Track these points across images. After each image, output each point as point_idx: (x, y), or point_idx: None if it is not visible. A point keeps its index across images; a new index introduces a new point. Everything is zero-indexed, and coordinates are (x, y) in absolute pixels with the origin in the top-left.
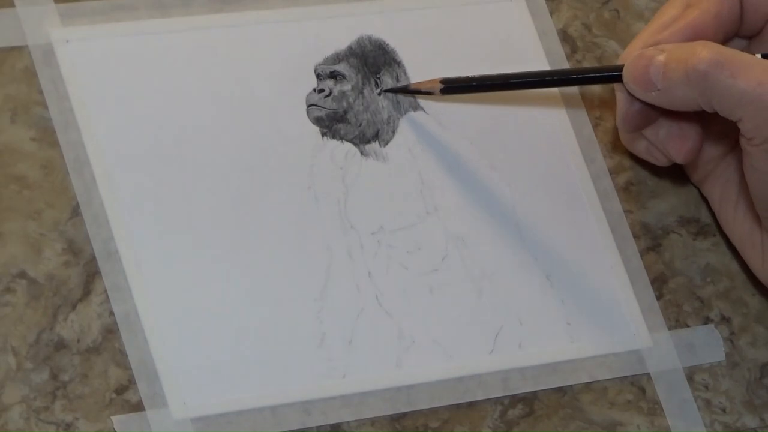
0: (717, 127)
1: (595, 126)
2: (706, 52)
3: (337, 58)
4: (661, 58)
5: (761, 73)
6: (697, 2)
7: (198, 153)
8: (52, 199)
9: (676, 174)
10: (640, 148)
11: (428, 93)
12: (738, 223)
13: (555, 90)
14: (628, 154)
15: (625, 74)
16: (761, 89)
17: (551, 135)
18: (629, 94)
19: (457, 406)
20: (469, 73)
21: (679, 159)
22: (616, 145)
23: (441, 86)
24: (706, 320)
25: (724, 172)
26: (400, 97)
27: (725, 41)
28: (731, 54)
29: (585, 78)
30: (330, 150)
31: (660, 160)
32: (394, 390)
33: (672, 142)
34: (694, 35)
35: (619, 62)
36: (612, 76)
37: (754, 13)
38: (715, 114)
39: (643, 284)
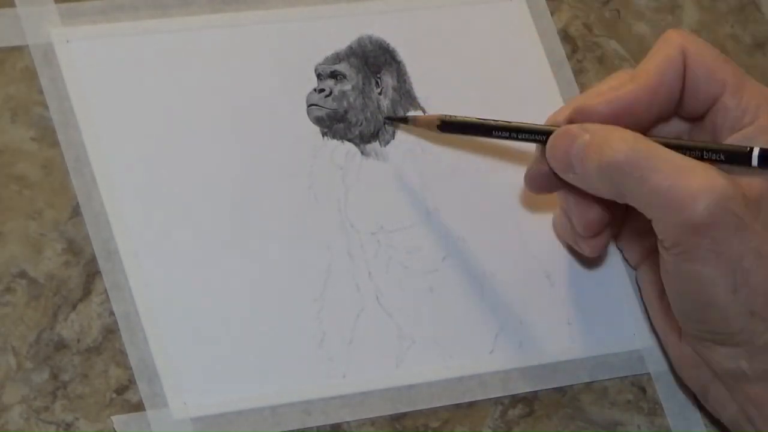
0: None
1: None
2: (623, 144)
3: (337, 57)
4: (584, 139)
5: (674, 174)
6: (638, 77)
7: (198, 153)
8: (53, 199)
9: None
10: (563, 233)
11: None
12: (659, 317)
13: (556, 91)
14: None
15: (548, 150)
16: (671, 193)
17: None
18: (541, 155)
19: (457, 406)
20: (470, 74)
21: (579, 228)
22: None
23: (438, 122)
24: None
25: (648, 265)
26: (401, 96)
27: (660, 120)
28: (647, 149)
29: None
30: (330, 150)
31: (581, 248)
32: (394, 390)
33: (576, 210)
34: (626, 109)
35: (549, 118)
36: (540, 139)
37: (694, 98)
38: None
39: None
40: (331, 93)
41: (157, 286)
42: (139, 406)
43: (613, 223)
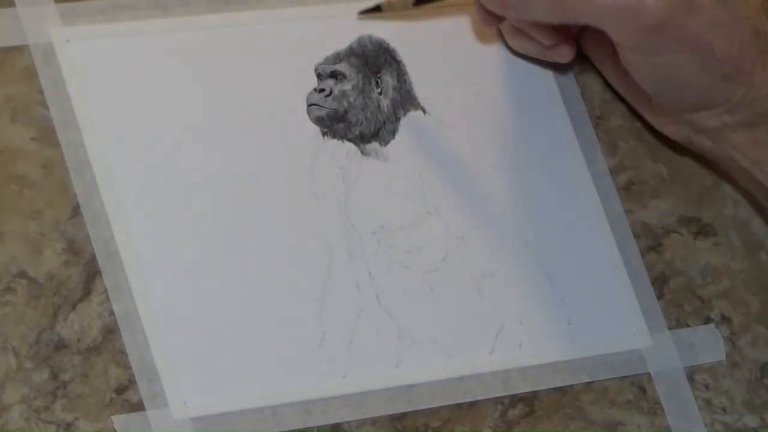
0: None
1: (596, 126)
2: None
3: (337, 57)
4: None
5: None
6: None
7: (198, 153)
8: (53, 198)
9: (678, 174)
10: (527, 47)
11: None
12: (624, 86)
13: (555, 89)
14: (628, 155)
15: None
16: (620, 2)
17: (551, 135)
18: None
19: (458, 405)
20: (469, 73)
21: (545, 41)
22: (616, 145)
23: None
24: (707, 320)
25: (599, 40)
26: (401, 96)
27: None
28: None
29: None
30: (330, 150)
31: (550, 57)
32: (395, 390)
33: (537, 30)
34: None
35: None
36: None
37: None
38: None
39: (644, 284)
40: (331, 93)
41: (157, 286)
42: (139, 406)
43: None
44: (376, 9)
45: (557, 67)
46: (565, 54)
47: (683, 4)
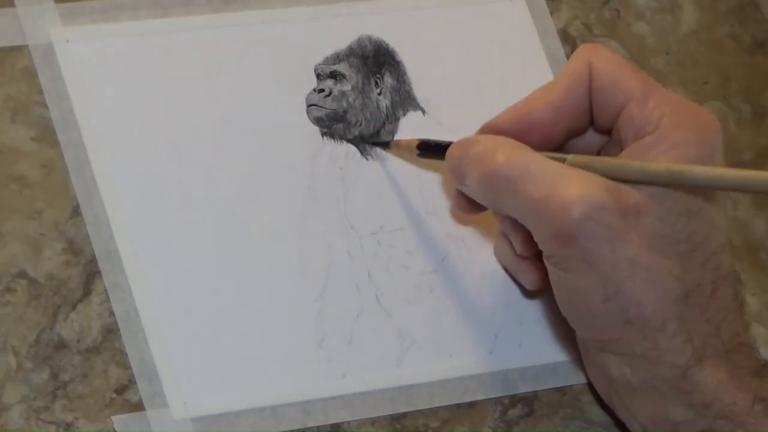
0: None
1: None
2: (500, 156)
3: (337, 58)
4: (476, 150)
5: (548, 186)
6: (543, 90)
7: (198, 153)
8: (53, 198)
9: None
10: (507, 260)
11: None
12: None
13: None
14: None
15: (446, 159)
16: (544, 203)
17: None
18: None
19: (457, 405)
20: (469, 74)
21: (518, 248)
22: None
23: (417, 151)
24: None
25: None
26: (401, 97)
27: (573, 134)
28: (524, 162)
29: None
30: (330, 150)
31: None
32: (394, 390)
33: (512, 230)
34: (531, 126)
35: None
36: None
37: (602, 110)
38: None
39: None
40: (330, 93)
41: (157, 286)
42: (139, 406)
43: None
44: (385, 145)
45: (557, 68)
46: (534, 281)
47: (607, 229)
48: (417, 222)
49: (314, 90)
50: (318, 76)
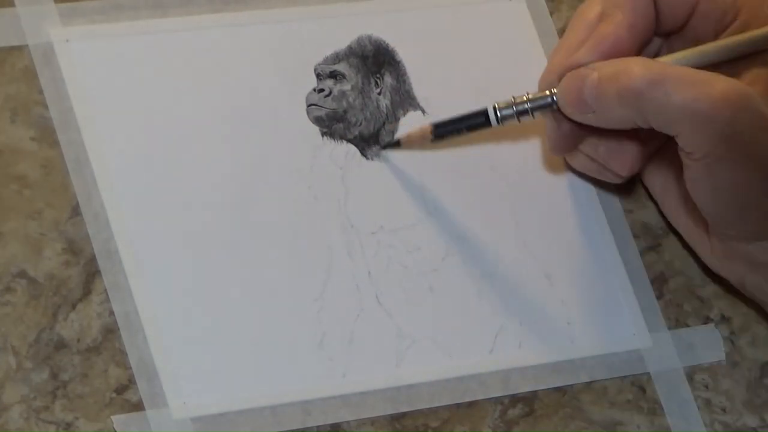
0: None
1: None
2: (638, 69)
3: (336, 57)
4: (594, 77)
5: (696, 88)
6: (610, 13)
7: (198, 153)
8: (52, 198)
9: None
10: (587, 166)
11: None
12: (682, 216)
13: None
14: None
15: (560, 97)
16: (696, 105)
17: None
18: (555, 117)
19: (457, 405)
20: (469, 74)
21: (623, 173)
22: None
23: (431, 137)
24: (706, 320)
25: (661, 165)
26: (400, 96)
27: (642, 48)
28: (664, 69)
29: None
30: (330, 150)
31: (608, 177)
32: (394, 390)
33: (613, 158)
34: (611, 50)
35: (540, 85)
36: (546, 103)
37: (670, 15)
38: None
39: (643, 284)
40: (330, 93)
41: (157, 286)
42: (138, 406)
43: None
44: (396, 144)
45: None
46: (625, 167)
47: (760, 119)
48: (417, 222)
49: (314, 90)
50: (318, 75)
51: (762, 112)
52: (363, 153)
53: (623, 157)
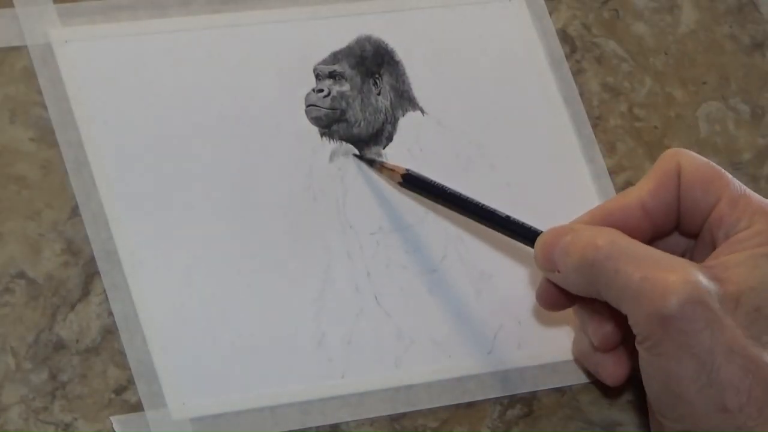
0: None
1: (595, 126)
2: (602, 240)
3: (336, 58)
4: (568, 238)
5: (649, 268)
6: (631, 190)
7: (197, 153)
8: (51, 199)
9: None
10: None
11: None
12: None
13: (555, 91)
14: (627, 155)
15: (536, 248)
16: (643, 284)
17: (551, 135)
18: None
19: (456, 406)
20: (468, 74)
21: (595, 342)
22: (615, 146)
23: (400, 179)
24: None
25: None
26: (400, 97)
27: (657, 236)
28: (625, 245)
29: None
30: (329, 150)
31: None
32: (393, 390)
33: (591, 324)
34: (617, 222)
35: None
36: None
37: (691, 212)
38: None
39: None
40: (329, 93)
41: (156, 287)
42: (137, 407)
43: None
44: (370, 162)
45: (556, 68)
46: (615, 377)
47: (706, 314)
48: (416, 222)
49: (313, 90)
50: (317, 76)
51: (710, 309)
52: (362, 153)
53: (602, 330)
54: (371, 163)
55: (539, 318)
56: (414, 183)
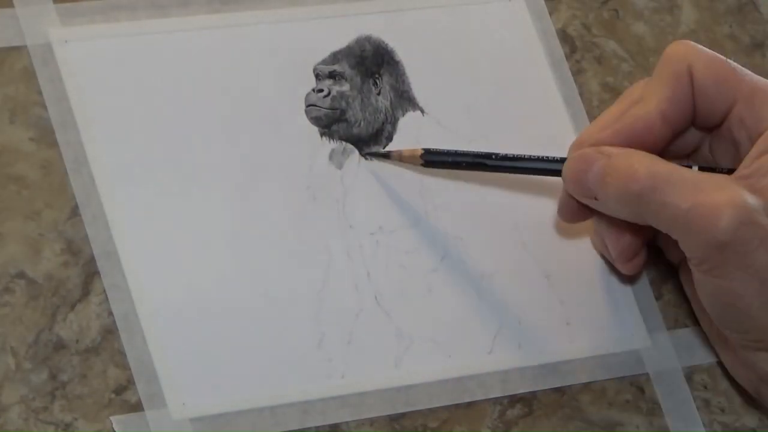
0: None
1: None
2: (642, 170)
3: (336, 58)
4: (600, 164)
5: (694, 194)
6: (646, 98)
7: (197, 153)
8: (51, 199)
9: None
10: (599, 246)
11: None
12: (704, 318)
13: (555, 91)
14: None
15: (564, 175)
16: (693, 212)
17: (551, 135)
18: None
19: (456, 406)
20: (468, 74)
21: (614, 254)
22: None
23: (421, 161)
24: None
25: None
26: (400, 97)
27: (676, 136)
28: (666, 172)
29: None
30: (329, 150)
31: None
32: (393, 390)
33: (609, 237)
34: (638, 135)
35: (569, 150)
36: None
37: (706, 111)
38: None
39: (642, 284)
40: (329, 93)
41: (156, 287)
42: (137, 407)
43: (647, 244)
44: (385, 155)
45: (556, 68)
46: (632, 268)
47: (759, 232)
48: (416, 222)
49: (313, 90)
50: (317, 76)
51: (761, 225)
52: (362, 153)
53: (621, 244)
54: (387, 156)
55: (539, 318)
56: (435, 158)
